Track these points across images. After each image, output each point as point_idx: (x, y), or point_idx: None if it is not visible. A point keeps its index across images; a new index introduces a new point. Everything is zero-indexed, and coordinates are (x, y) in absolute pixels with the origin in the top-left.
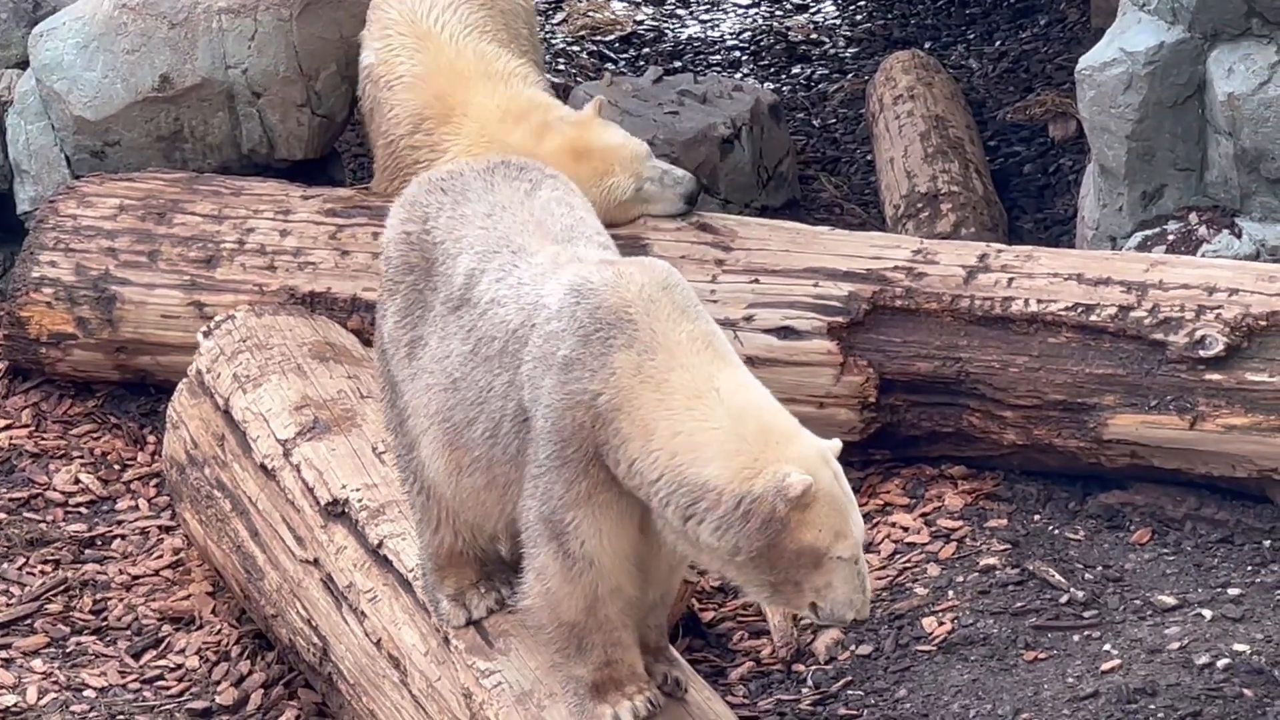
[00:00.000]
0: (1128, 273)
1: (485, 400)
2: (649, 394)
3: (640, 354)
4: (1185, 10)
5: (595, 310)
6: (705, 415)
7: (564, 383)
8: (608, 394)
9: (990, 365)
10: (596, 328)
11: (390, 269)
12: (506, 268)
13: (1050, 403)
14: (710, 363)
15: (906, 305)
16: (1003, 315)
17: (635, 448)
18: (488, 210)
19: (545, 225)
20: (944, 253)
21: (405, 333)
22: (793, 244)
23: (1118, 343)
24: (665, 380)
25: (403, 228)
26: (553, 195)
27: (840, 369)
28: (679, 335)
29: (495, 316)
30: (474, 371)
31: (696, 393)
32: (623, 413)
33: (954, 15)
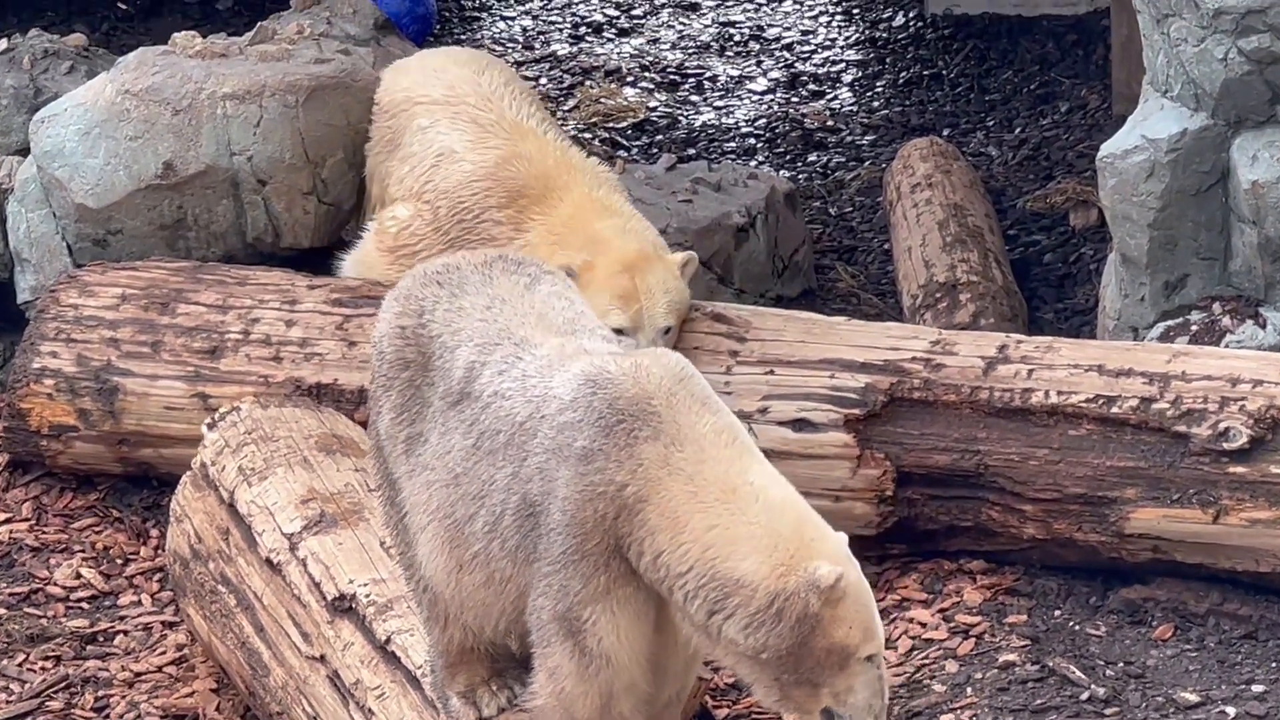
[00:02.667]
0: (1150, 364)
1: (487, 494)
2: (679, 486)
3: (667, 446)
4: (1208, 97)
5: (615, 401)
6: (741, 510)
7: (584, 474)
8: (635, 485)
9: (1010, 458)
10: (619, 419)
11: (384, 364)
12: (510, 360)
13: (1071, 496)
14: (739, 456)
15: (924, 397)
16: (1023, 407)
17: (664, 540)
18: (487, 303)
19: (547, 318)
20: (963, 344)
21: (402, 429)
22: (808, 335)
23: (1140, 435)
24: (696, 473)
25: (397, 322)
26: (552, 289)
27: (857, 462)
28: (703, 428)
29: (499, 410)
30: (476, 466)
31: (730, 487)
32: (651, 504)
33: (973, 102)
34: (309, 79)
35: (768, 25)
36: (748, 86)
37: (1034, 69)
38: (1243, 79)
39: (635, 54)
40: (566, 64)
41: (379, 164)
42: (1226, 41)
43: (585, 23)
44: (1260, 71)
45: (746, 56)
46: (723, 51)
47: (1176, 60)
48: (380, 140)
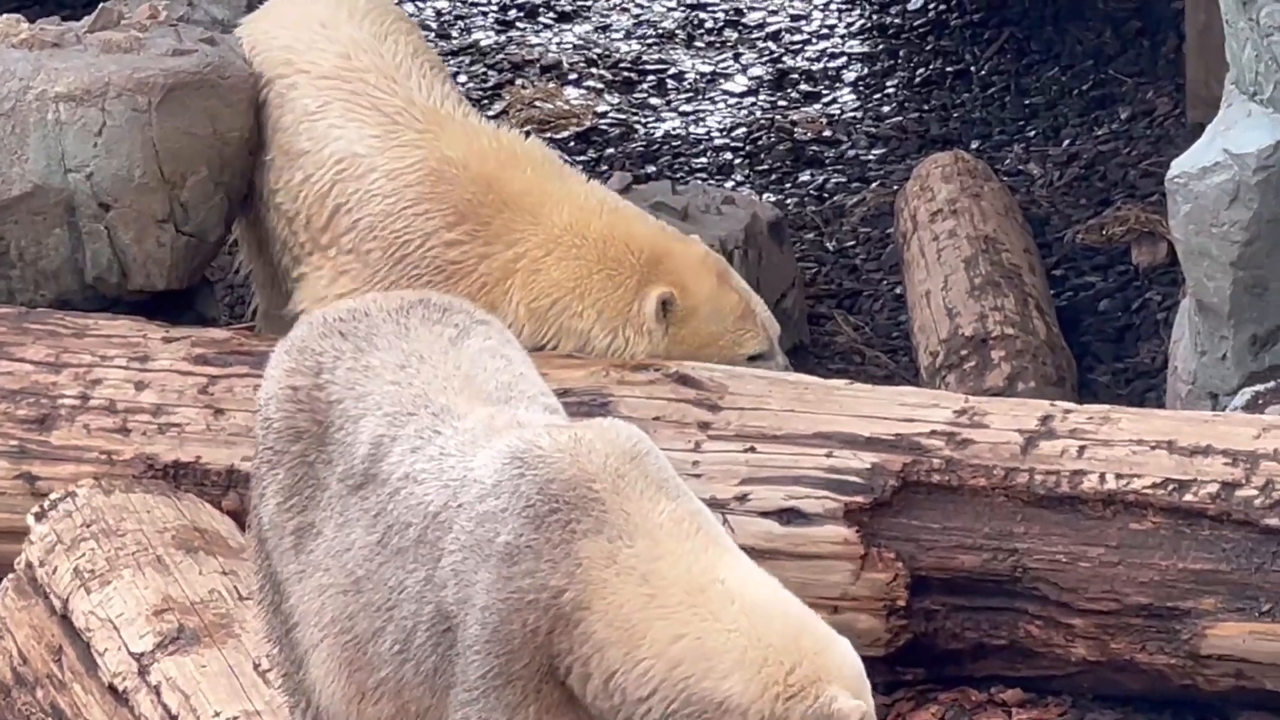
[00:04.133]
0: (1233, 439)
1: (395, 604)
2: (631, 589)
3: (613, 540)
4: None
5: (548, 485)
6: (714, 614)
7: (509, 578)
8: (574, 590)
9: (1055, 559)
10: (552, 507)
11: (271, 435)
12: (425, 435)
13: (1132, 607)
14: (705, 549)
15: (947, 481)
16: (1071, 494)
17: (616, 656)
18: (401, 361)
19: (476, 381)
20: (996, 414)
21: (291, 518)
22: (799, 402)
23: (1220, 530)
24: (652, 571)
25: (288, 381)
26: (485, 345)
27: (861, 563)
28: (659, 517)
29: (410, 497)
30: (382, 568)
31: (697, 586)
32: (595, 613)
33: (1009, 107)
34: (164, 76)
35: (748, 9)
36: (723, 86)
37: (1087, 65)
38: None
39: (580, 44)
40: (492, 57)
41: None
42: None
43: (516, 5)
44: None
45: (721, 48)
46: (691, 42)
47: (1269, 54)
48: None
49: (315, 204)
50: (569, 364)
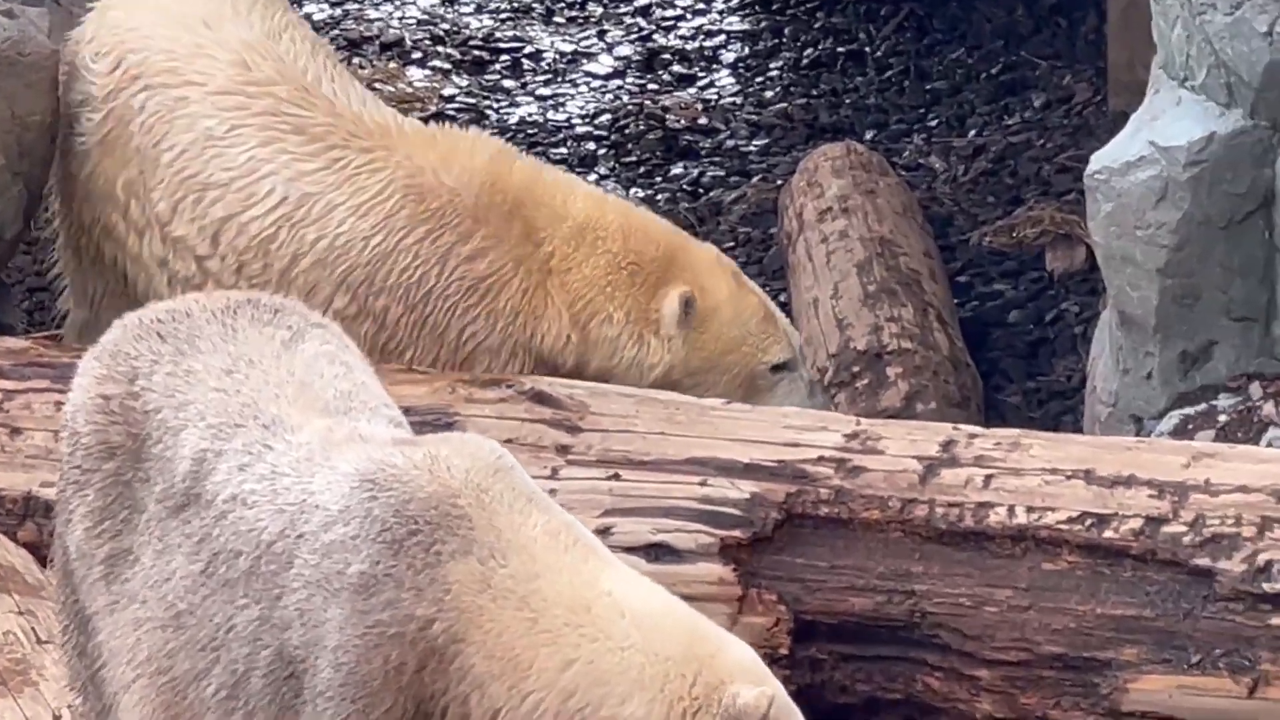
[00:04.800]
0: (1159, 469)
1: (223, 644)
2: (510, 615)
3: (485, 561)
4: (1246, 88)
5: (404, 506)
6: (605, 633)
7: (365, 611)
8: (444, 620)
9: (958, 602)
10: (411, 530)
11: (79, 452)
12: (255, 450)
13: (1044, 657)
14: (585, 561)
15: (836, 514)
16: (976, 530)
17: (499, 692)
18: (227, 365)
19: (312, 389)
20: (892, 438)
21: (103, 544)
22: (670, 423)
23: (1144, 571)
24: (532, 592)
25: (99, 390)
26: (322, 349)
27: (738, 606)
28: (532, 530)
29: (240, 522)
30: (207, 601)
31: (582, 603)
32: (472, 644)
33: (908, 93)
34: None
35: None
36: (585, 67)
37: (997, 46)
38: None
39: (424, 19)
40: (326, 33)
41: (106, 180)
42: (1273, 9)
43: None
44: None
45: (584, 24)
46: (550, 17)
47: (1200, 34)
48: (107, 138)
49: (253, 249)
50: (411, 378)
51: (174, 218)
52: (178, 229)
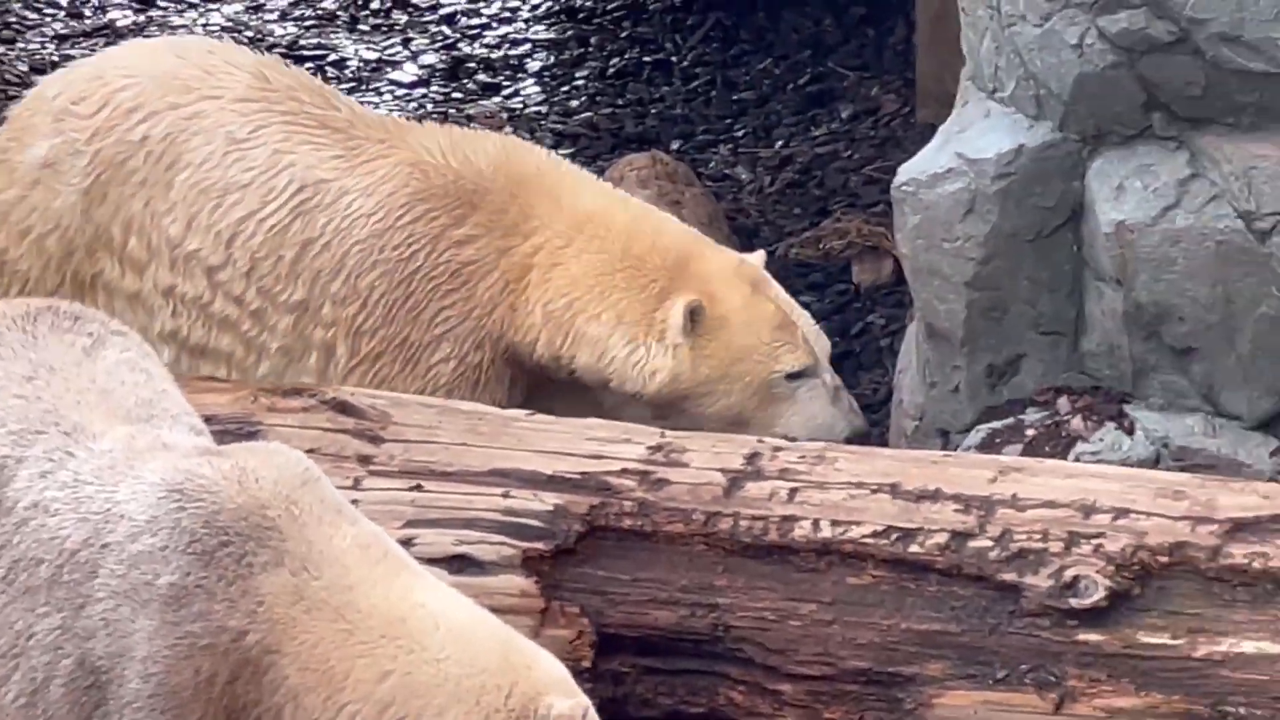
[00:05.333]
0: (966, 483)
1: (22, 652)
2: (325, 626)
3: (297, 572)
4: (1056, 100)
5: (214, 516)
6: (420, 644)
7: (175, 623)
8: (257, 632)
9: (761, 616)
10: (222, 541)
11: None
12: (56, 456)
13: (848, 672)
14: (397, 573)
15: (639, 527)
16: (780, 543)
17: (314, 704)
18: (28, 372)
19: (113, 397)
20: (696, 451)
21: None
22: (473, 434)
23: (950, 586)
24: (346, 603)
25: None
26: (123, 357)
27: (540, 618)
28: (343, 542)
29: (42, 530)
30: (7, 608)
31: (396, 615)
32: (285, 656)
33: (715, 103)
34: None
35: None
36: (390, 75)
37: (804, 56)
38: (1105, 75)
39: (229, 25)
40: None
41: (96, 226)
42: (1083, 20)
43: None
44: (1131, 64)
45: (389, 32)
46: (354, 24)
47: (1010, 46)
48: (96, 184)
49: (266, 244)
50: (212, 386)
51: (188, 234)
52: (191, 243)
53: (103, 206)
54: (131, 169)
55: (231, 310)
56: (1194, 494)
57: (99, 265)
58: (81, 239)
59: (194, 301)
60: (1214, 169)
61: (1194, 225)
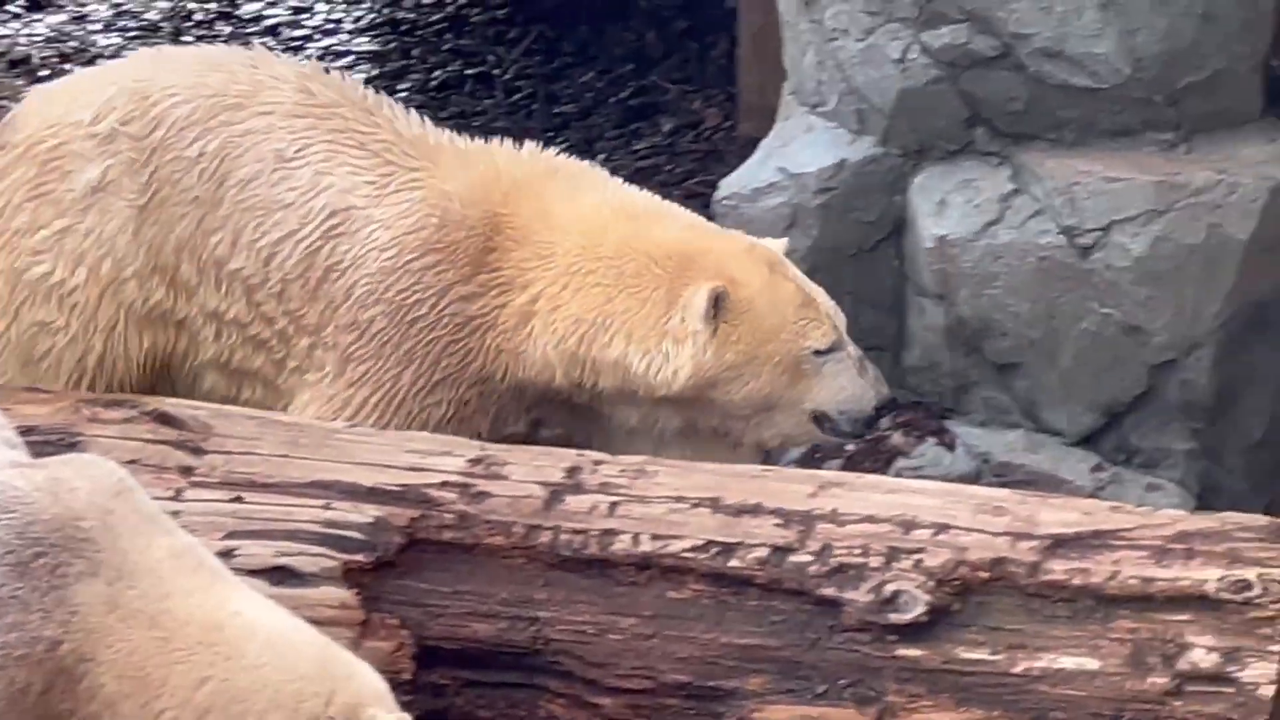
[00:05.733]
0: (786, 498)
1: None
2: (140, 635)
3: (112, 583)
4: (878, 115)
5: (28, 528)
6: (237, 652)
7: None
8: (71, 641)
9: (581, 629)
10: (36, 552)
11: None
12: None
13: (668, 685)
14: (212, 584)
15: (460, 539)
16: (600, 557)
17: (130, 711)
18: None
19: None
20: (517, 464)
21: None
22: (294, 446)
23: (769, 600)
24: (162, 612)
25: None
26: None
27: (361, 630)
28: (158, 553)
29: None
30: None
31: (213, 623)
32: (101, 665)
33: (537, 115)
34: None
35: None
36: None
37: (626, 70)
38: (927, 90)
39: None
40: None
41: (150, 249)
42: (906, 35)
43: None
44: (954, 80)
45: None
46: (179, 35)
47: (832, 60)
48: (152, 202)
49: (298, 265)
50: (34, 398)
51: (233, 252)
52: (235, 262)
53: (156, 226)
54: (186, 186)
55: (264, 331)
56: (1014, 510)
57: (153, 295)
58: (132, 264)
59: (234, 323)
60: (1036, 184)
61: (1016, 241)
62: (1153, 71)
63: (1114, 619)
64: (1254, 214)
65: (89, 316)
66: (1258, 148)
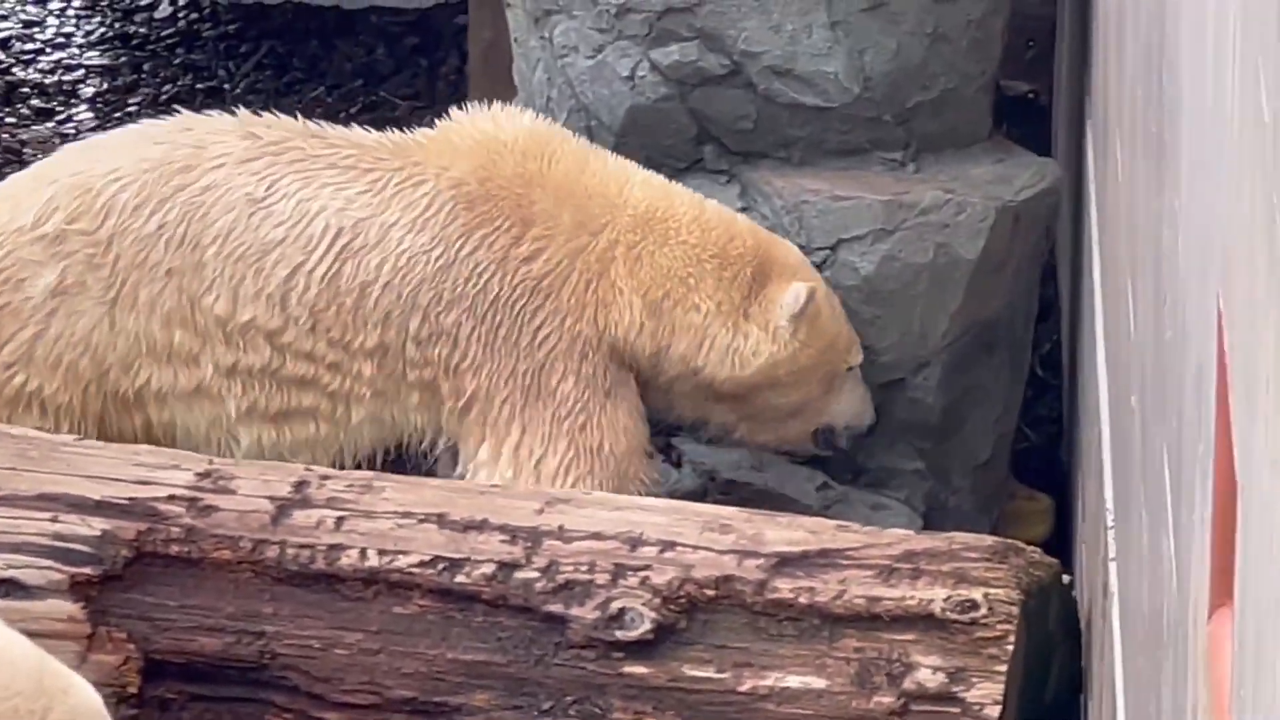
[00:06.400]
0: (513, 514)
1: None
2: None
3: None
4: (607, 131)
5: None
6: None
7: None
8: None
9: (308, 644)
10: None
11: None
12: None
13: (395, 701)
14: None
15: (187, 553)
16: (328, 572)
17: None
18: None
19: None
20: (244, 478)
21: None
22: (22, 459)
23: (495, 616)
24: None
25: None
26: None
27: (87, 643)
28: None
29: None
30: None
31: None
32: None
33: None
34: None
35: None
36: None
37: (357, 85)
38: (657, 107)
39: None
40: None
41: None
42: (636, 52)
43: None
44: (683, 98)
45: None
46: None
47: (562, 77)
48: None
49: (325, 295)
50: None
51: (237, 306)
52: (244, 314)
53: (134, 311)
54: (155, 262)
55: (306, 369)
56: (741, 528)
57: (142, 376)
58: (114, 354)
59: (263, 371)
60: (765, 203)
61: None
62: (882, 91)
63: (840, 638)
64: (982, 234)
65: (77, 415)
66: (986, 168)
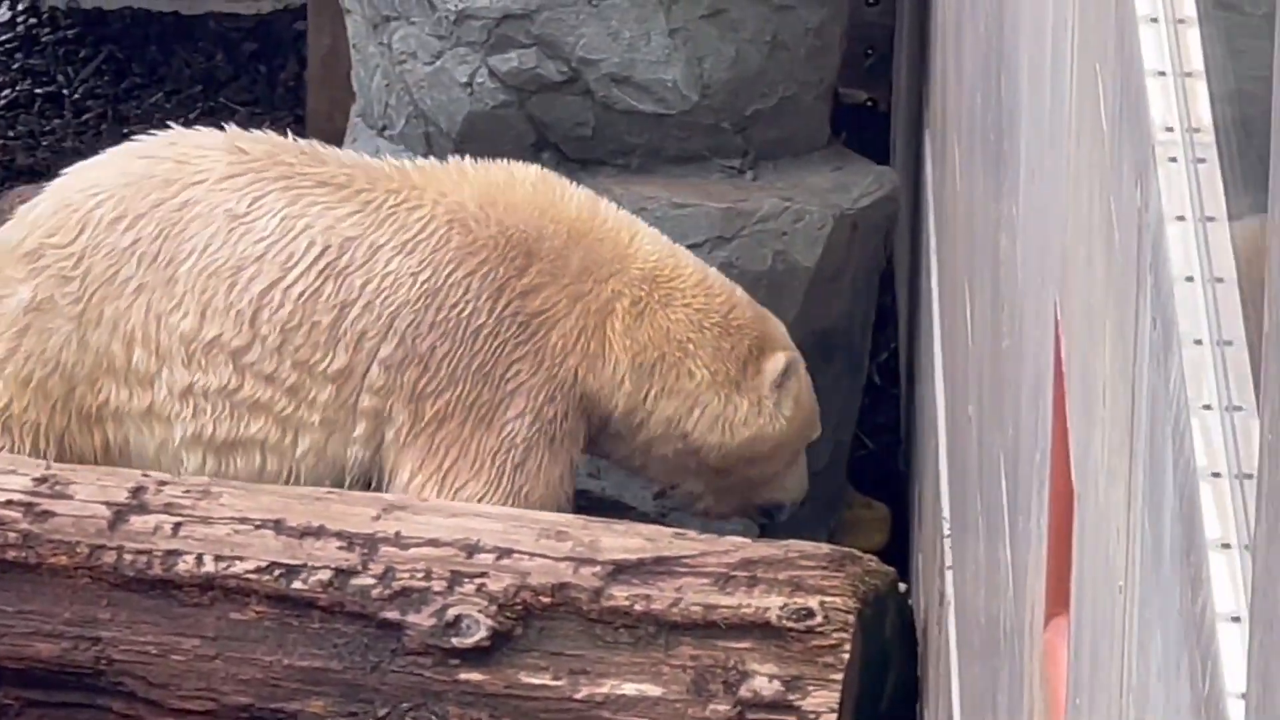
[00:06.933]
0: (350, 521)
1: None
2: None
3: None
4: (446, 138)
5: None
6: None
7: None
8: None
9: (145, 650)
10: None
11: None
12: None
13: (231, 707)
14: None
15: (24, 558)
16: (164, 578)
17: None
18: None
19: None
20: (82, 484)
21: None
22: None
23: (332, 623)
24: None
25: None
26: None
27: None
28: None
29: None
30: None
31: None
32: None
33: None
34: None
35: None
36: None
37: (195, 91)
38: (495, 114)
39: None
40: None
41: (95, 354)
42: (474, 59)
43: None
44: (521, 104)
45: None
46: None
47: (401, 83)
48: (89, 309)
49: (299, 312)
50: None
51: (203, 323)
52: (209, 331)
53: (99, 328)
54: (125, 278)
55: (263, 392)
56: (577, 535)
57: (103, 394)
58: (81, 370)
59: (219, 393)
60: None
61: None
62: (720, 98)
63: (676, 646)
64: (819, 241)
65: (42, 433)
66: (823, 176)
